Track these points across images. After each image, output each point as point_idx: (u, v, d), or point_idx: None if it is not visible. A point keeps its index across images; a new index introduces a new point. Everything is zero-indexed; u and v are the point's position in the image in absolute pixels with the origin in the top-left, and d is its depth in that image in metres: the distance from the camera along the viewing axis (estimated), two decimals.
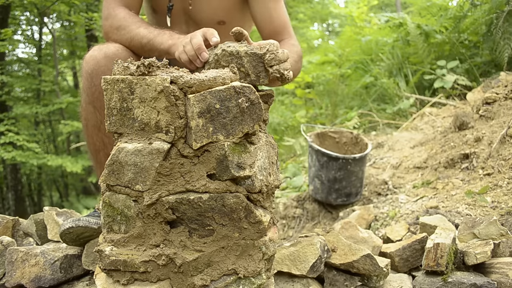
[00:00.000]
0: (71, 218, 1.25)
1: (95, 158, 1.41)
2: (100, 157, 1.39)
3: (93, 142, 1.38)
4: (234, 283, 0.95)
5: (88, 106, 1.34)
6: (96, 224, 1.24)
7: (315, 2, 12.99)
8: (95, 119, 1.35)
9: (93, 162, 1.44)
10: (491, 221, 1.31)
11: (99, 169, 1.41)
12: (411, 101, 3.78)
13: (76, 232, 1.23)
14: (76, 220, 1.22)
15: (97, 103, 1.32)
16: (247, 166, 0.90)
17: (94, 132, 1.36)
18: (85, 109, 1.36)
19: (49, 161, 7.30)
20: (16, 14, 8.95)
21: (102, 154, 1.38)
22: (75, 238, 1.25)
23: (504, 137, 2.03)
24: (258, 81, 1.00)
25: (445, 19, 4.17)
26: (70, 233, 1.23)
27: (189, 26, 1.53)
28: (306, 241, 1.19)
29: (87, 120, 1.37)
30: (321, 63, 5.61)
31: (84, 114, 1.37)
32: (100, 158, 1.39)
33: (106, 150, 1.37)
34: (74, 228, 1.21)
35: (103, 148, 1.37)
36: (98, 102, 1.32)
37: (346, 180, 2.31)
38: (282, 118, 5.09)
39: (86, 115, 1.36)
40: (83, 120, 1.40)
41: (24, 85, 8.88)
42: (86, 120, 1.37)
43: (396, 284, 1.23)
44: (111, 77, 0.92)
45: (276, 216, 2.45)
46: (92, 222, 1.23)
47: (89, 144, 1.41)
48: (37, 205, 10.84)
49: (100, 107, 1.32)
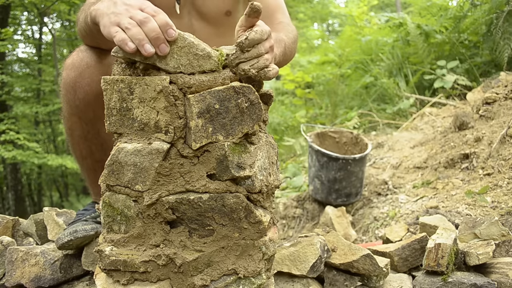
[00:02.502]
0: (68, 230, 1.22)
1: (81, 164, 1.36)
2: (87, 162, 1.34)
3: (79, 149, 1.33)
4: (234, 283, 0.95)
5: (72, 117, 1.27)
6: (93, 230, 1.23)
7: (315, 2, 12.99)
8: (81, 129, 1.28)
9: (80, 167, 1.39)
10: (493, 221, 1.31)
11: (85, 173, 1.39)
12: (411, 101, 3.78)
13: (75, 243, 1.22)
14: (74, 232, 1.20)
15: (82, 114, 1.25)
16: (247, 166, 0.90)
17: (80, 141, 1.31)
18: (68, 120, 1.29)
19: (49, 160, 7.31)
20: (16, 14, 8.96)
21: (89, 160, 1.33)
22: (74, 247, 1.25)
23: (504, 137, 2.03)
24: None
25: (445, 19, 4.17)
26: (70, 245, 1.22)
27: (192, 18, 1.40)
28: (306, 241, 1.19)
29: (72, 130, 1.30)
30: (321, 63, 5.61)
31: (68, 124, 1.30)
32: (87, 163, 1.35)
33: (94, 156, 1.32)
34: (73, 240, 1.20)
35: (90, 155, 1.32)
36: (82, 113, 1.24)
37: (346, 181, 2.31)
38: (282, 118, 5.09)
39: (71, 125, 1.29)
40: (67, 130, 1.32)
41: (24, 85, 8.88)
42: (71, 130, 1.30)
43: (396, 284, 1.23)
44: (111, 78, 0.92)
45: (276, 216, 2.45)
46: (89, 229, 1.22)
47: (74, 151, 1.35)
48: (37, 205, 10.85)
49: (85, 117, 1.25)
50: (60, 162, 7.31)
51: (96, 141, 1.31)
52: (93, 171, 1.36)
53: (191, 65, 0.89)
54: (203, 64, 0.89)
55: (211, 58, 0.89)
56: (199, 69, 0.89)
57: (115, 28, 0.86)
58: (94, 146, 1.31)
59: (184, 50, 0.88)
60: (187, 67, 0.89)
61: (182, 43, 0.88)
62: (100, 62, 1.24)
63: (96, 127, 1.29)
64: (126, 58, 0.90)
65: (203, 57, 0.89)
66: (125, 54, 0.88)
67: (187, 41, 0.88)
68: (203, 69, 0.89)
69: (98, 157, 1.32)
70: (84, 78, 1.21)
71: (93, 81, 1.21)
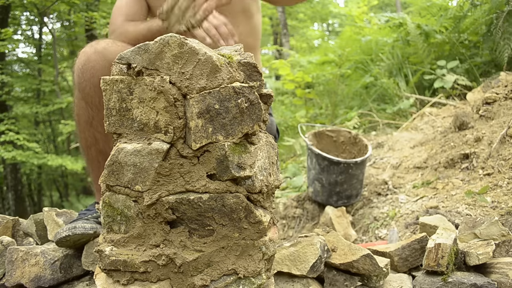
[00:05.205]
0: (67, 226, 1.23)
1: (86, 153, 1.41)
2: (91, 152, 1.39)
3: (84, 137, 1.38)
4: (234, 283, 0.95)
5: (80, 102, 1.35)
6: (92, 229, 1.23)
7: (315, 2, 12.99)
8: (87, 114, 1.35)
9: (85, 158, 1.44)
10: (493, 222, 1.31)
11: (90, 165, 1.43)
12: (411, 101, 3.78)
13: (72, 239, 1.22)
14: (73, 228, 1.21)
15: (88, 99, 1.33)
16: (247, 166, 0.90)
17: (86, 127, 1.37)
18: (77, 105, 1.37)
19: (49, 161, 7.31)
20: (16, 14, 8.96)
21: (94, 150, 1.38)
22: (71, 244, 1.25)
23: (504, 137, 2.03)
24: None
25: (445, 19, 4.17)
26: (67, 240, 1.22)
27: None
28: (306, 241, 1.19)
29: (79, 116, 1.37)
30: (321, 63, 5.60)
31: (76, 110, 1.38)
32: (91, 154, 1.39)
33: (98, 145, 1.38)
34: (71, 236, 1.21)
35: (94, 143, 1.38)
36: (89, 97, 1.32)
37: (347, 183, 2.30)
38: (282, 118, 5.09)
39: (78, 111, 1.37)
40: (75, 116, 1.41)
41: (24, 85, 8.88)
42: (78, 115, 1.38)
43: (396, 284, 1.23)
44: (110, 78, 0.92)
45: (276, 216, 2.45)
46: (88, 228, 1.23)
47: (81, 140, 1.41)
48: (37, 205, 10.85)
49: (91, 102, 1.33)
50: (60, 162, 7.31)
51: (101, 128, 1.36)
52: (97, 163, 1.40)
53: (192, 70, 0.89)
54: (204, 68, 0.89)
55: (212, 61, 0.89)
56: (200, 72, 0.89)
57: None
58: (99, 134, 1.36)
59: (184, 55, 0.88)
60: (187, 72, 0.89)
61: (183, 48, 0.88)
62: (106, 49, 1.32)
63: (101, 113, 1.34)
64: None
65: (204, 62, 0.89)
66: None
67: (188, 46, 0.88)
68: (204, 71, 0.89)
69: (102, 147, 1.37)
70: (90, 61, 1.30)
71: (98, 64, 1.30)
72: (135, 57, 0.90)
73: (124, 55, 0.91)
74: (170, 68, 0.89)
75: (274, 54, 10.22)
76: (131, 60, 0.90)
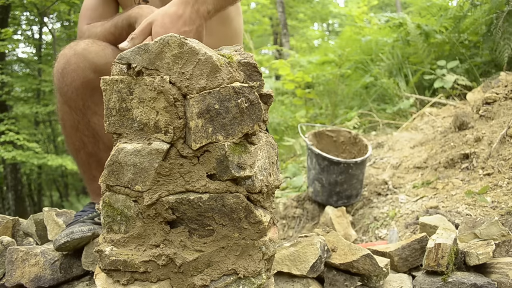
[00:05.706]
0: (65, 231, 1.22)
1: (76, 157, 1.38)
2: (81, 156, 1.36)
3: (72, 142, 1.35)
4: (234, 283, 0.95)
5: (63, 106, 1.31)
6: (90, 231, 1.23)
7: (315, 2, 13.00)
8: (71, 119, 1.32)
9: (75, 161, 1.42)
10: (493, 222, 1.31)
11: (81, 168, 1.40)
12: (411, 101, 3.78)
13: (72, 244, 1.22)
14: (70, 234, 1.21)
15: (71, 103, 1.29)
16: (247, 166, 0.90)
17: (72, 132, 1.33)
18: (60, 110, 1.32)
19: (49, 161, 7.31)
20: (16, 14, 8.96)
21: (83, 153, 1.36)
22: (71, 248, 1.25)
23: (504, 137, 2.03)
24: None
25: (445, 19, 4.17)
26: (66, 246, 1.22)
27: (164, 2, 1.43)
28: (306, 241, 1.19)
29: (64, 121, 1.34)
30: (321, 63, 5.60)
31: (60, 114, 1.34)
32: (81, 157, 1.36)
33: (87, 149, 1.34)
34: (69, 241, 1.20)
35: (83, 147, 1.35)
36: (71, 101, 1.28)
37: (347, 183, 2.30)
38: (282, 118, 5.09)
39: (62, 115, 1.33)
40: (60, 121, 1.36)
41: (24, 85, 8.88)
42: (63, 120, 1.34)
43: (396, 284, 1.23)
44: (110, 78, 0.92)
45: (276, 216, 2.45)
46: (86, 231, 1.22)
47: (68, 144, 1.38)
48: (37, 205, 10.85)
49: (75, 106, 1.29)
50: (60, 162, 7.31)
51: (88, 132, 1.33)
52: (88, 165, 1.37)
53: (192, 70, 0.89)
54: (204, 68, 0.89)
55: (212, 61, 0.89)
56: (200, 72, 0.89)
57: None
58: (86, 137, 1.33)
59: (184, 55, 0.88)
60: (187, 72, 0.89)
61: (183, 48, 0.88)
62: (86, 49, 1.28)
63: (87, 117, 1.32)
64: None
65: (204, 62, 0.89)
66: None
67: (188, 46, 0.88)
68: (204, 71, 0.89)
69: (91, 150, 1.34)
70: (70, 64, 1.26)
71: (79, 67, 1.26)
72: (135, 57, 0.90)
73: (124, 55, 0.91)
74: (170, 68, 0.89)
75: (274, 54, 10.22)
76: (131, 60, 0.90)
